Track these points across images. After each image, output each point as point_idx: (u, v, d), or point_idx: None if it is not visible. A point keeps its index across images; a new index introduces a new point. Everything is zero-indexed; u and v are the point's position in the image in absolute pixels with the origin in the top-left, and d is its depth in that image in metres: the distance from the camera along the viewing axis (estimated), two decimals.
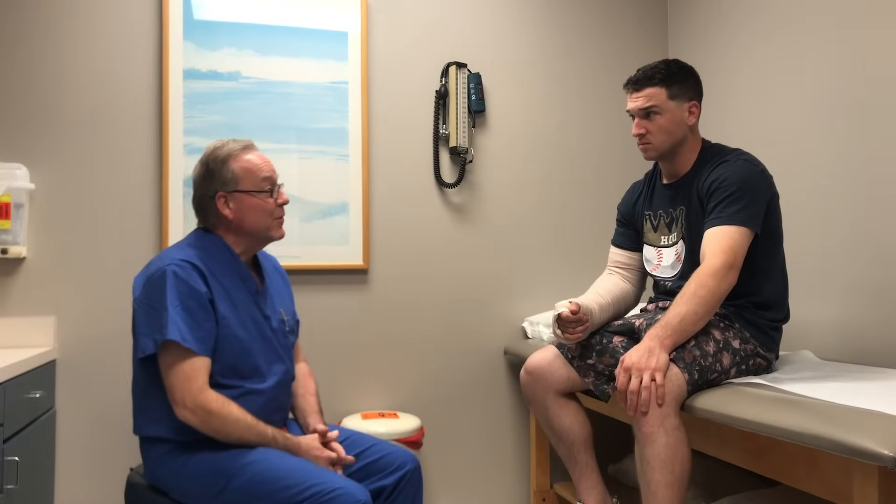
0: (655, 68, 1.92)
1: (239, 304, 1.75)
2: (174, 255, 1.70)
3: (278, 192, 1.82)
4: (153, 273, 1.68)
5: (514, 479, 2.84)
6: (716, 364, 1.71)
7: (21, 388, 1.97)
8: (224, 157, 1.76)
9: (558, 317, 1.87)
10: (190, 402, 1.60)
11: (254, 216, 1.77)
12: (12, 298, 2.38)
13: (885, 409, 1.34)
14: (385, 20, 2.76)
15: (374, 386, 2.71)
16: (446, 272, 2.79)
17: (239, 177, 1.75)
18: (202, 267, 1.70)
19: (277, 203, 1.80)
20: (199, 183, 1.78)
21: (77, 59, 2.46)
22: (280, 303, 1.91)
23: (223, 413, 1.61)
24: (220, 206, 1.75)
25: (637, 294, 2.14)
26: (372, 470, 1.80)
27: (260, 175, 1.77)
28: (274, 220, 1.80)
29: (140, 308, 1.67)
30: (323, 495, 1.52)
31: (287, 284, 2.01)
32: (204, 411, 1.60)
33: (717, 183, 1.82)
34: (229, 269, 1.77)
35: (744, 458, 1.61)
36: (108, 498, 2.43)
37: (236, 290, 1.76)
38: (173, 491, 1.66)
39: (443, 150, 2.80)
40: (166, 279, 1.64)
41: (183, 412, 1.60)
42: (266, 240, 1.82)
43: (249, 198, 1.76)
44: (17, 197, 2.32)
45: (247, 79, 2.60)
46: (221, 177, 1.75)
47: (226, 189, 1.75)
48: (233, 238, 1.79)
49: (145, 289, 1.67)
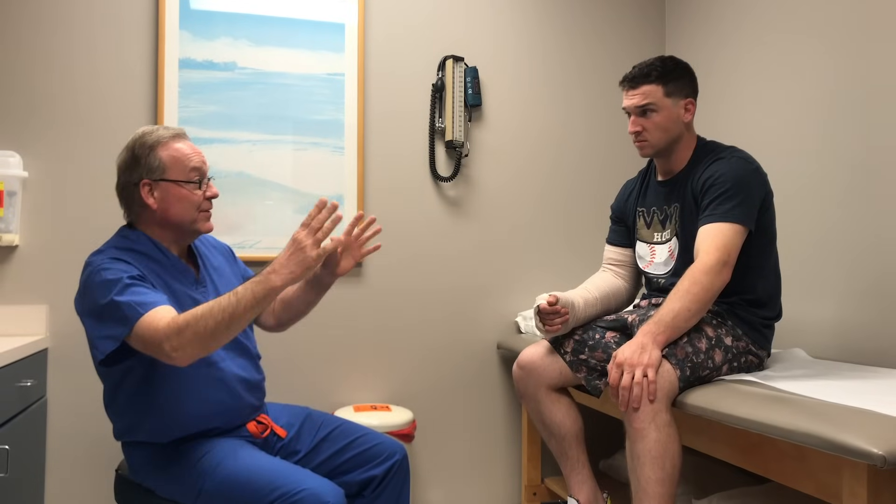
0: (651, 65, 1.92)
1: (180, 294, 1.67)
2: (97, 258, 1.60)
3: (207, 184, 1.73)
4: (85, 279, 1.58)
5: (505, 473, 2.85)
6: (708, 361, 1.72)
7: (12, 376, 1.96)
8: (152, 143, 1.66)
9: (537, 308, 1.89)
10: (163, 331, 1.46)
11: (179, 208, 1.67)
12: (4, 286, 2.37)
13: (875, 407, 1.34)
14: (382, 12, 2.75)
15: (366, 379, 2.71)
16: (440, 266, 2.79)
17: (166, 165, 1.66)
18: (133, 262, 1.61)
19: (206, 196, 1.71)
20: (123, 169, 1.68)
21: (72, 46, 2.45)
22: (225, 284, 1.80)
23: (189, 317, 1.47)
24: (143, 195, 1.65)
25: (630, 291, 2.14)
26: (363, 460, 1.80)
27: (189, 165, 1.68)
28: (200, 212, 1.70)
29: (86, 321, 1.58)
30: (289, 496, 1.49)
31: (231, 260, 1.92)
32: (176, 332, 1.46)
33: (712, 180, 1.83)
34: (159, 265, 1.68)
35: (734, 454, 1.62)
36: (98, 487, 2.43)
37: (174, 282, 1.68)
38: (157, 489, 1.66)
39: (438, 144, 2.80)
40: (95, 277, 1.55)
41: (164, 348, 1.47)
42: (193, 233, 1.73)
43: (176, 188, 1.66)
44: (9, 185, 2.31)
45: (243, 69, 2.59)
46: (148, 164, 1.65)
47: (151, 177, 1.65)
48: (157, 231, 1.70)
49: (82, 300, 1.58)
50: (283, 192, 2.61)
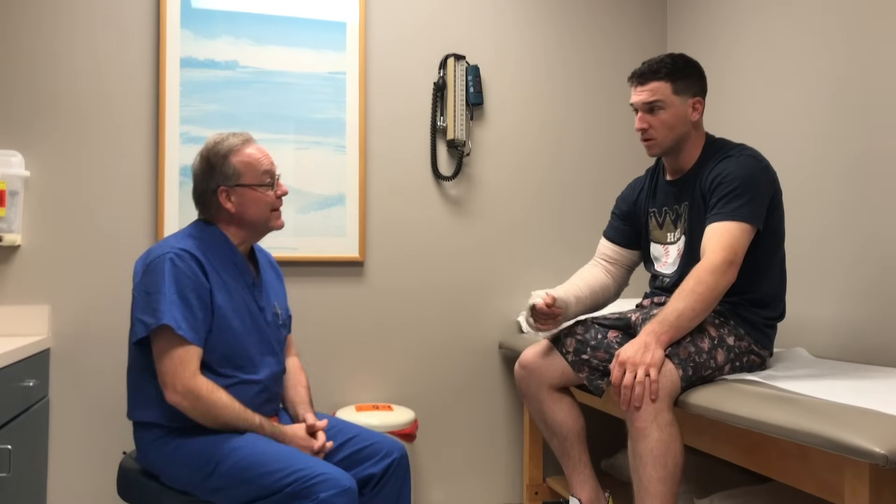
0: (661, 62, 1.90)
1: (235, 294, 1.77)
2: (174, 244, 1.72)
3: (277, 183, 1.84)
4: (152, 260, 1.70)
5: (507, 473, 2.85)
6: (710, 360, 1.71)
7: (15, 376, 1.97)
8: (225, 152, 1.78)
9: (532, 307, 1.89)
10: (181, 386, 1.61)
11: (255, 209, 1.80)
12: (7, 286, 2.37)
13: (877, 406, 1.34)
14: (384, 11, 2.75)
15: (368, 378, 2.71)
16: (442, 265, 2.79)
17: (240, 172, 1.77)
18: (201, 257, 1.72)
19: (277, 195, 1.83)
20: (201, 178, 1.80)
21: (74, 45, 2.45)
22: (274, 296, 1.93)
23: (212, 399, 1.63)
24: (222, 201, 1.78)
25: (615, 290, 2.14)
26: (360, 458, 1.82)
27: (260, 169, 1.80)
28: (273, 211, 1.83)
29: (138, 293, 1.69)
30: (307, 480, 1.54)
31: (281, 280, 2.03)
32: (193, 396, 1.62)
33: (720, 178, 1.81)
34: (227, 261, 1.79)
35: (736, 454, 1.62)
36: (100, 486, 2.43)
37: (233, 281, 1.78)
38: (164, 474, 1.69)
39: (440, 143, 2.80)
40: (164, 266, 1.67)
41: (173, 396, 1.62)
42: (266, 230, 1.85)
43: (251, 192, 1.78)
44: (12, 184, 2.31)
45: (244, 68, 2.59)
46: (223, 172, 1.77)
47: (227, 184, 1.77)
48: (233, 230, 1.82)
49: (144, 275, 1.70)
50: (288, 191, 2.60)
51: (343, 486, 1.54)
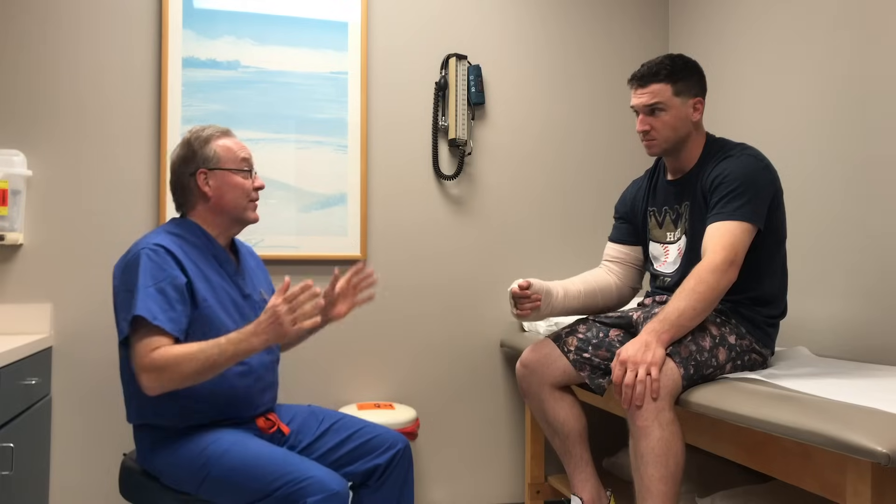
0: (661, 64, 1.89)
1: (217, 286, 1.79)
2: (149, 240, 1.73)
3: (254, 176, 1.87)
4: (129, 258, 1.70)
5: (509, 471, 2.85)
6: (711, 359, 1.71)
7: (17, 374, 1.97)
8: (206, 137, 1.82)
9: (511, 292, 1.94)
10: (142, 367, 1.58)
11: (232, 195, 1.81)
12: (9, 285, 2.38)
13: (879, 405, 1.34)
14: (385, 11, 2.75)
15: (370, 377, 2.71)
16: (443, 264, 2.79)
17: (220, 156, 1.81)
18: (177, 251, 1.72)
19: (254, 186, 1.86)
20: (180, 163, 1.83)
21: (76, 45, 2.45)
22: (258, 283, 1.95)
23: (173, 357, 1.58)
24: (200, 183, 1.80)
25: (622, 289, 2.12)
26: (365, 450, 1.84)
27: (239, 156, 1.84)
28: (250, 202, 1.85)
29: (118, 295, 1.69)
30: (295, 483, 1.55)
31: (262, 268, 2.05)
32: (157, 368, 1.57)
33: (721, 178, 1.81)
34: (206, 252, 1.81)
35: (738, 453, 1.62)
36: (102, 484, 2.43)
37: (214, 273, 1.80)
38: (163, 476, 1.69)
39: (442, 142, 2.80)
40: (140, 261, 1.67)
41: (144, 382, 1.59)
42: (242, 221, 1.86)
43: (230, 175, 1.81)
44: (14, 183, 2.31)
45: (246, 68, 2.59)
46: (203, 154, 1.80)
47: (207, 166, 1.80)
48: (210, 218, 1.83)
49: (122, 274, 1.70)
50: (286, 190, 2.61)
51: (331, 491, 1.54)
